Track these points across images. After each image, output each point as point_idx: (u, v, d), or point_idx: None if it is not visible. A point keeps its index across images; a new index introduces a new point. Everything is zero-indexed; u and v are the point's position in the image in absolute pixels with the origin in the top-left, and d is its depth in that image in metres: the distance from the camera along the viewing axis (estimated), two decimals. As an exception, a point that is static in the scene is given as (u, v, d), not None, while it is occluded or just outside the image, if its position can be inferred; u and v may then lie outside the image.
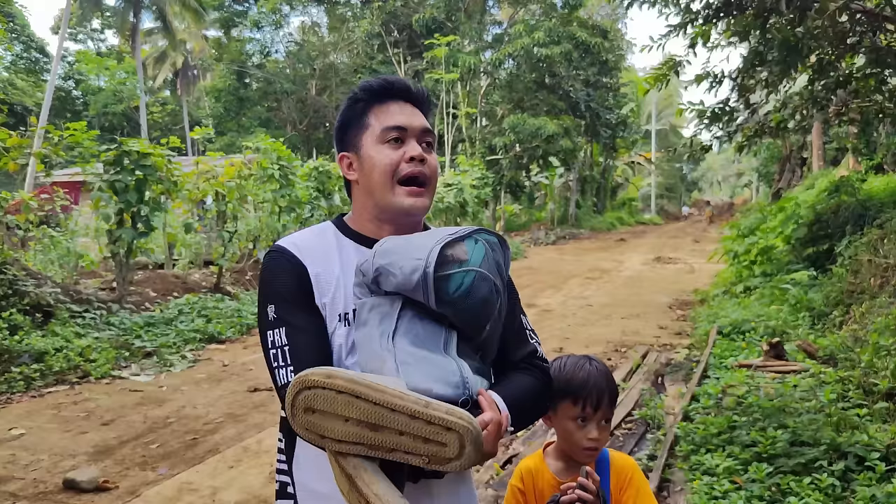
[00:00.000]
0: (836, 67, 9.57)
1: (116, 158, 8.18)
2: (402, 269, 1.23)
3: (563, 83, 27.41)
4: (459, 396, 1.19)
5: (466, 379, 1.22)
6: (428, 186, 1.40)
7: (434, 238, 1.28)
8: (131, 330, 7.74)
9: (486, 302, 1.27)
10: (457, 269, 1.24)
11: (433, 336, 1.25)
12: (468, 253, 1.27)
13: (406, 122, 1.39)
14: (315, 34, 34.63)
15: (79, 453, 4.67)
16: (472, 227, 1.36)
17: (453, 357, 1.24)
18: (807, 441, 3.88)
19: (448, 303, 1.23)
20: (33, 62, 37.54)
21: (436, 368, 1.20)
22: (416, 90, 1.45)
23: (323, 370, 1.13)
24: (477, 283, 1.25)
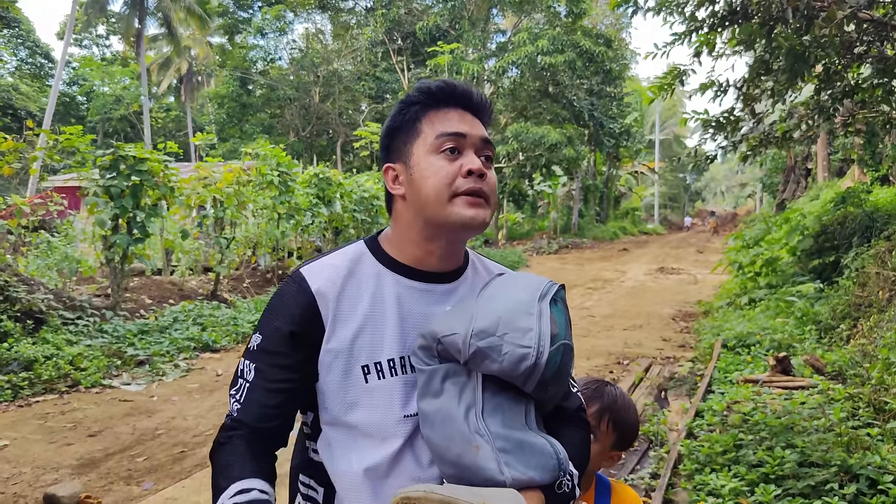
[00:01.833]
0: (842, 77, 9.45)
1: (112, 163, 8.07)
2: (508, 357, 1.10)
3: (566, 92, 27.33)
4: (557, 479, 1.14)
5: (562, 460, 1.15)
6: (487, 200, 1.21)
7: (532, 311, 1.15)
8: (124, 338, 7.60)
9: (568, 371, 1.20)
10: (553, 347, 1.13)
11: (517, 410, 1.16)
12: (558, 324, 1.17)
13: (466, 130, 1.22)
14: (319, 41, 34.63)
15: (62, 466, 4.53)
16: (550, 283, 1.24)
17: (543, 435, 1.17)
18: (816, 462, 3.72)
19: (542, 383, 1.13)
20: (38, 67, 37.66)
21: (534, 455, 1.12)
22: (477, 97, 1.26)
23: (422, 488, 1.05)
24: (566, 356, 1.16)
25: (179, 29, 38.37)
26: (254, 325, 8.84)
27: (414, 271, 1.25)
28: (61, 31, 39.75)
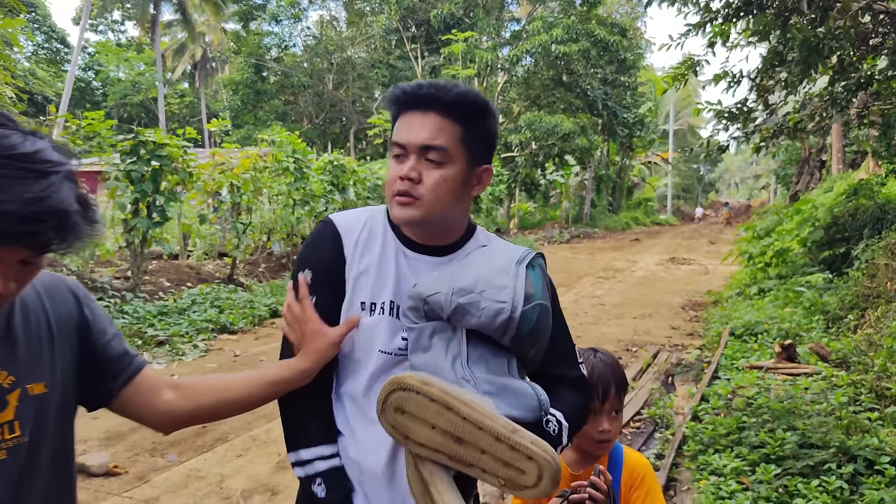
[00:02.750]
0: (857, 69, 9.46)
1: (133, 148, 8.25)
2: (486, 312, 1.23)
3: (580, 81, 27.28)
4: (540, 418, 1.26)
5: (543, 401, 1.27)
6: (419, 200, 1.34)
7: (507, 271, 1.29)
8: (144, 318, 7.81)
9: (546, 330, 1.32)
10: (529, 306, 1.26)
11: (499, 361, 1.28)
12: (534, 286, 1.30)
13: (407, 140, 1.35)
14: (333, 28, 34.70)
15: (90, 439, 4.72)
16: (527, 251, 1.37)
17: (525, 381, 1.29)
18: (816, 443, 3.85)
19: (519, 338, 1.26)
20: (54, 52, 37.96)
21: (516, 396, 1.24)
22: (448, 98, 1.34)
23: (421, 376, 1.18)
24: (542, 315, 1.29)
25: (194, 15, 38.56)
26: (270, 307, 9.04)
27: (409, 241, 1.43)
28: (77, 17, 40.02)
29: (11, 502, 1.11)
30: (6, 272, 1.00)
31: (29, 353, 1.14)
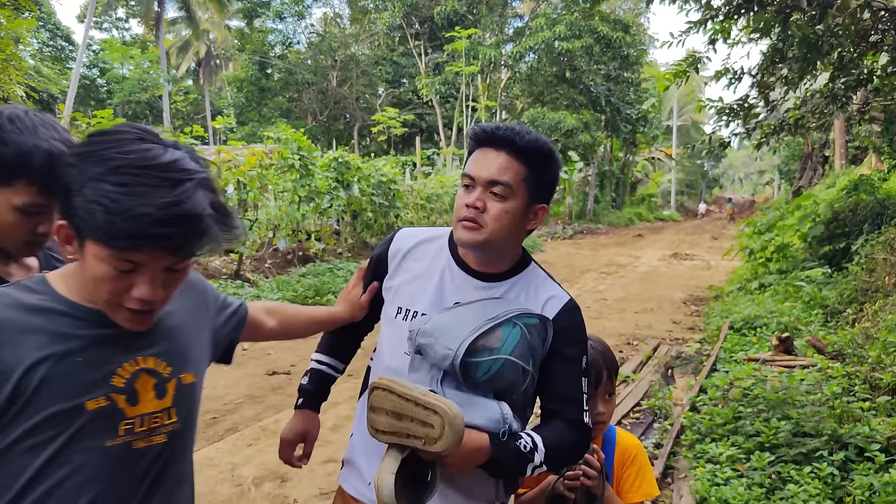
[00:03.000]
0: (857, 65, 9.53)
1: (142, 146, 8.38)
2: (436, 354, 1.44)
3: (583, 77, 27.34)
4: (500, 428, 1.42)
5: (506, 415, 1.44)
6: (483, 227, 1.52)
7: (473, 324, 1.45)
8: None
9: (512, 384, 1.46)
10: (486, 358, 1.42)
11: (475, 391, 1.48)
12: (501, 340, 1.44)
13: (475, 173, 1.54)
14: (337, 25, 34.79)
15: (104, 428, 4.87)
16: (516, 310, 1.50)
17: (493, 400, 1.46)
18: (809, 432, 3.97)
19: (475, 384, 1.44)
20: (59, 50, 38.09)
21: (479, 408, 1.42)
22: (519, 142, 1.52)
23: (387, 377, 1.41)
24: (504, 369, 1.43)
25: (198, 12, 38.68)
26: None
27: (462, 263, 1.64)
28: (82, 14, 40.16)
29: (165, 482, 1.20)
30: (154, 279, 1.10)
31: (180, 344, 1.26)
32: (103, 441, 1.12)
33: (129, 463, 1.15)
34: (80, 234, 1.08)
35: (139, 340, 1.18)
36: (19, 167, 1.33)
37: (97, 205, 1.02)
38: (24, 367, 1.06)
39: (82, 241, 1.08)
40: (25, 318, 1.10)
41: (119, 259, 1.06)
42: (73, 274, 1.16)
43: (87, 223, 1.04)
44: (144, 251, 1.05)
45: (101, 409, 1.12)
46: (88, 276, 1.10)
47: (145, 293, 1.10)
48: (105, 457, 1.12)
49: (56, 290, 1.16)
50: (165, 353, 1.21)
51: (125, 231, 1.02)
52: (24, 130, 1.35)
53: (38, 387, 1.07)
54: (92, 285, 1.11)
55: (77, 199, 1.04)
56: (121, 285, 1.09)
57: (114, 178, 1.02)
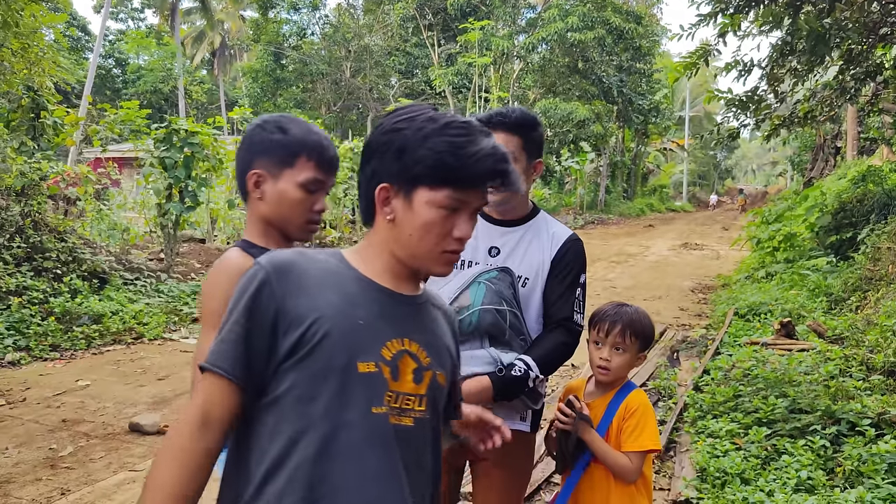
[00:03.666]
0: (867, 58, 9.65)
1: (166, 136, 8.68)
2: None
3: (595, 68, 27.40)
4: (494, 367, 1.87)
5: (495, 357, 1.88)
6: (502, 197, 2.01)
7: (448, 293, 1.88)
8: (179, 297, 8.26)
9: (494, 325, 1.90)
10: (465, 315, 1.86)
11: (475, 343, 1.93)
12: (471, 298, 1.88)
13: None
14: (350, 16, 34.97)
15: (139, 402, 5.17)
16: (475, 273, 1.96)
17: (487, 349, 1.91)
18: (804, 409, 4.20)
19: (467, 337, 1.85)
20: (75, 40, 38.47)
21: (475, 360, 1.87)
22: (513, 119, 1.99)
23: None
24: (482, 317, 1.87)
25: (213, 2, 38.97)
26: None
27: (487, 216, 2.10)
28: (98, 5, 40.51)
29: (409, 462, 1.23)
30: (470, 219, 1.24)
31: (439, 345, 1.32)
32: (369, 406, 1.17)
33: (385, 434, 1.18)
34: (410, 186, 1.19)
35: (409, 324, 1.26)
36: (300, 147, 1.62)
37: (446, 152, 1.16)
38: (314, 316, 1.15)
39: (410, 195, 1.20)
40: (323, 275, 1.21)
41: (453, 199, 1.18)
42: (365, 250, 1.28)
43: (430, 171, 1.17)
44: (478, 189, 1.21)
45: (370, 374, 1.17)
46: (417, 225, 1.20)
47: (465, 231, 1.22)
48: (367, 421, 1.16)
49: (348, 261, 1.26)
50: (428, 345, 1.27)
51: (472, 169, 1.17)
52: (295, 123, 1.66)
53: (323, 338, 1.14)
54: (418, 234, 1.20)
55: (419, 152, 1.17)
56: (446, 227, 1.20)
57: (451, 131, 1.18)
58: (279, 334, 1.15)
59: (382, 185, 1.22)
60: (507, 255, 2.06)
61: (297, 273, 1.19)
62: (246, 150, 1.68)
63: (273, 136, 1.64)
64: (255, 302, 1.16)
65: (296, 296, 1.16)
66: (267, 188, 1.65)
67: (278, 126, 1.65)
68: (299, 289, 1.17)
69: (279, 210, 1.65)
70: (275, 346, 1.15)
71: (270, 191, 1.65)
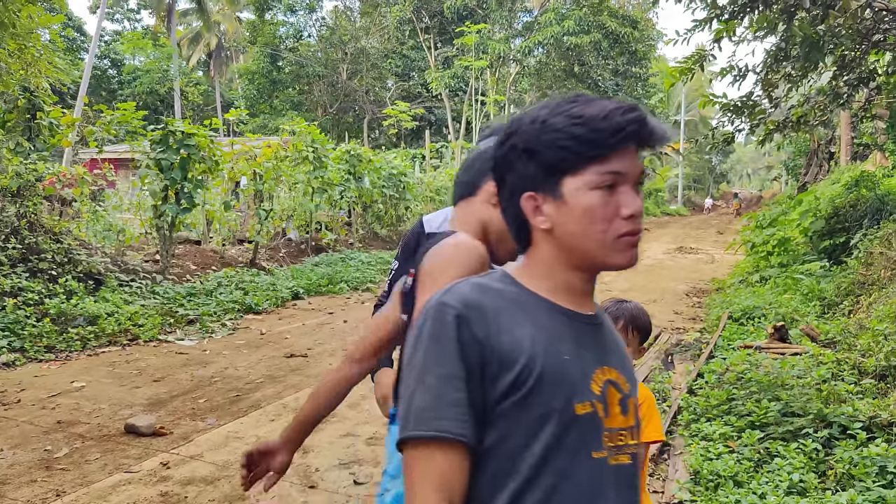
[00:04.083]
0: (860, 64, 9.73)
1: (162, 137, 8.69)
2: None
3: (591, 72, 27.50)
4: None
5: None
6: None
7: None
8: (174, 299, 8.27)
9: None
10: None
11: None
12: None
13: None
14: (347, 19, 35.01)
15: (135, 404, 5.18)
16: None
17: None
18: (797, 412, 4.23)
19: None
20: (71, 41, 38.39)
21: None
22: None
23: None
24: None
25: (209, 4, 38.95)
26: (291, 290, 9.51)
27: None
28: (94, 5, 40.47)
29: None
30: (633, 189, 1.09)
31: (629, 367, 1.20)
32: (589, 450, 1.06)
33: (608, 478, 1.08)
34: (554, 182, 1.08)
35: (601, 349, 1.14)
36: None
37: (571, 125, 1.04)
38: (523, 356, 1.03)
39: (557, 192, 1.08)
40: (512, 307, 1.08)
41: (602, 174, 1.05)
42: (531, 270, 1.14)
43: (565, 153, 1.05)
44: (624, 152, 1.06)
45: (587, 415, 1.06)
46: (576, 217, 1.07)
47: (634, 206, 1.07)
48: (589, 467, 1.06)
49: (521, 282, 1.13)
50: (623, 369, 1.15)
51: (605, 130, 1.04)
52: None
53: (538, 381, 1.03)
54: (581, 227, 1.07)
55: (544, 140, 1.06)
56: (609, 209, 1.06)
57: (566, 106, 1.07)
58: (487, 379, 1.02)
59: (527, 195, 1.10)
60: None
61: (489, 309, 1.06)
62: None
63: None
64: (460, 346, 1.02)
65: (497, 334, 1.04)
66: None
67: None
68: (498, 326, 1.04)
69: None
70: (484, 392, 1.03)
71: None
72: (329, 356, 6.71)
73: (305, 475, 4.01)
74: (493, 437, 1.04)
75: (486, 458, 1.04)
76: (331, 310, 9.06)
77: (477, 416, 1.02)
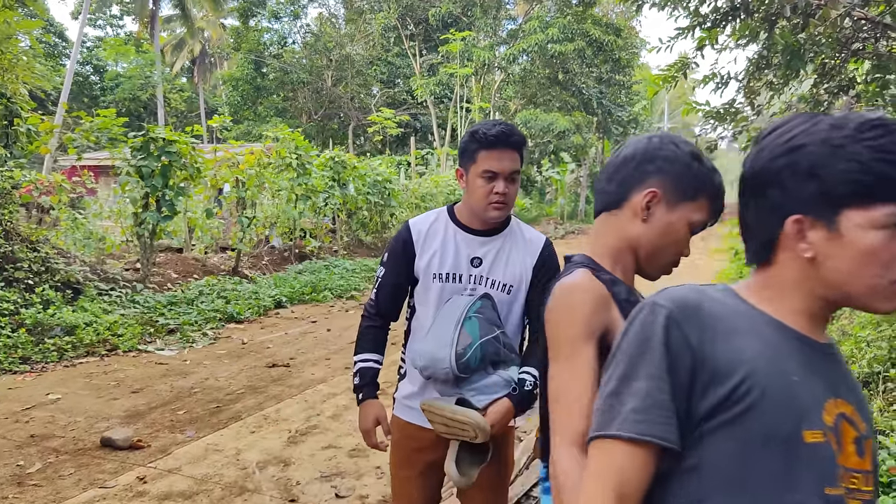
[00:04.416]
0: (840, 72, 9.83)
1: (143, 144, 8.57)
2: (442, 376, 1.95)
3: (575, 80, 27.62)
4: (510, 387, 2.00)
5: (509, 380, 1.99)
6: (508, 205, 2.09)
7: (447, 339, 1.94)
8: (155, 308, 8.14)
9: (495, 352, 1.99)
10: (470, 352, 1.92)
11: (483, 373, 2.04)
12: (470, 335, 1.95)
13: (498, 168, 2.05)
14: (332, 25, 34.95)
15: (112, 416, 5.07)
16: (463, 307, 2.01)
17: (495, 373, 2.01)
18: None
19: (477, 369, 1.96)
20: (52, 46, 38.04)
21: (490, 387, 1.99)
22: (515, 140, 2.08)
23: (428, 402, 1.99)
24: (485, 349, 1.95)
25: (193, 10, 38.75)
26: (274, 298, 9.42)
27: (466, 227, 2.17)
28: (76, 11, 40.15)
29: None
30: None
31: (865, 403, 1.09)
32: (822, 486, 0.96)
33: None
34: (833, 211, 0.99)
35: (835, 380, 1.04)
36: (709, 185, 1.43)
37: (874, 159, 0.95)
38: (743, 369, 0.96)
39: (834, 222, 0.99)
40: (733, 317, 1.02)
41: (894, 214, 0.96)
42: (765, 289, 1.07)
43: (859, 186, 0.96)
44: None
45: (817, 445, 0.96)
46: (853, 255, 0.98)
47: None
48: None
49: (747, 299, 1.07)
50: (860, 408, 1.05)
51: None
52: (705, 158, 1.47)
53: (759, 399, 0.95)
54: (857, 266, 0.98)
55: (838, 167, 0.97)
56: (890, 253, 0.97)
57: (869, 134, 0.97)
58: (697, 388, 0.96)
59: (795, 218, 1.01)
60: (490, 264, 2.13)
61: (706, 314, 1.00)
62: (648, 161, 1.43)
63: (688, 161, 1.41)
64: (668, 350, 0.97)
65: (712, 342, 0.98)
66: (657, 212, 1.43)
67: (694, 153, 1.42)
68: (714, 333, 0.98)
69: (658, 241, 1.45)
70: (689, 405, 0.97)
71: (659, 216, 1.43)
72: (312, 365, 6.63)
73: (286, 489, 3.93)
74: (702, 453, 0.97)
75: (692, 474, 0.98)
76: (314, 318, 8.97)
77: (681, 424, 0.97)
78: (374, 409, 2.22)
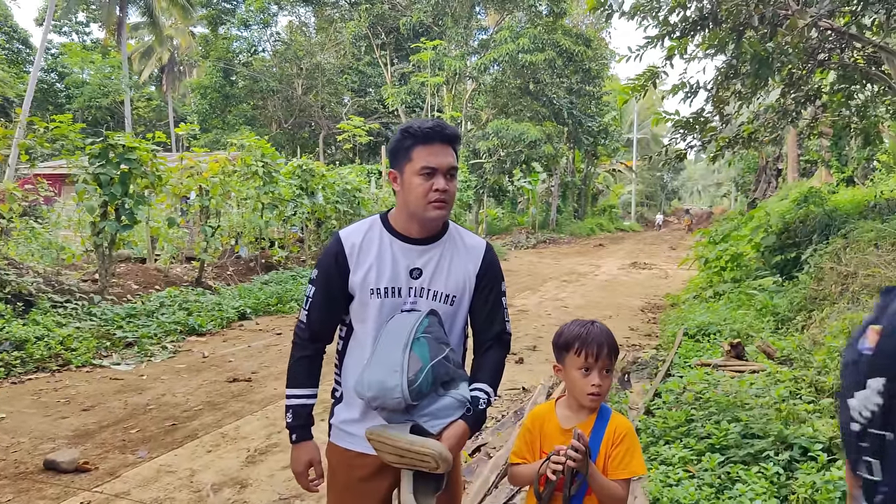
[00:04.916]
0: (807, 82, 9.91)
1: (102, 151, 8.27)
2: (392, 405, 1.79)
3: (546, 90, 27.72)
4: (464, 408, 1.88)
5: (463, 400, 1.88)
6: (449, 203, 1.92)
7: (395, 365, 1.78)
8: (112, 321, 7.83)
9: (446, 372, 1.85)
10: (421, 376, 1.78)
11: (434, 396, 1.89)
12: (420, 358, 1.80)
13: (436, 163, 1.89)
14: (303, 34, 34.68)
15: (59, 437, 4.79)
16: (410, 329, 1.85)
17: (449, 394, 1.87)
18: (757, 433, 4.10)
19: (429, 393, 1.81)
20: (15, 53, 37.15)
21: (446, 410, 1.85)
22: (450, 133, 1.92)
23: (376, 431, 1.82)
24: (436, 371, 1.81)
25: (162, 18, 38.18)
26: (238, 310, 9.14)
27: (402, 236, 1.97)
28: (40, 18, 39.29)
29: None
30: None
31: None
32: None
33: None
34: None
35: None
36: None
37: None
38: None
39: None
40: None
41: None
42: None
43: None
44: None
45: None
46: None
47: None
48: None
49: None
50: None
51: None
52: None
53: None
54: None
55: None
56: None
57: None
58: None
59: None
60: (431, 275, 1.98)
61: None
62: None
63: None
64: None
65: None
66: None
67: None
68: None
69: None
70: None
71: None
72: (275, 380, 6.38)
73: (241, 513, 3.70)
74: None
75: None
76: (279, 330, 8.72)
77: None
78: (308, 452, 2.06)
